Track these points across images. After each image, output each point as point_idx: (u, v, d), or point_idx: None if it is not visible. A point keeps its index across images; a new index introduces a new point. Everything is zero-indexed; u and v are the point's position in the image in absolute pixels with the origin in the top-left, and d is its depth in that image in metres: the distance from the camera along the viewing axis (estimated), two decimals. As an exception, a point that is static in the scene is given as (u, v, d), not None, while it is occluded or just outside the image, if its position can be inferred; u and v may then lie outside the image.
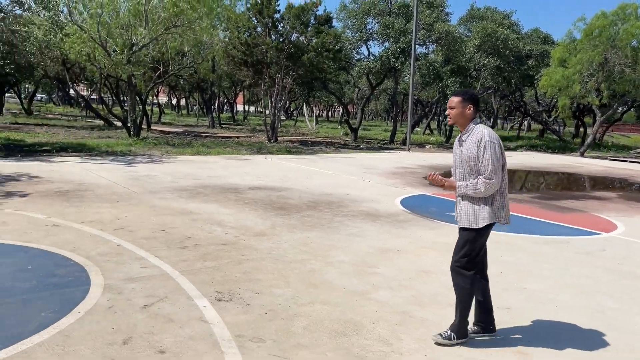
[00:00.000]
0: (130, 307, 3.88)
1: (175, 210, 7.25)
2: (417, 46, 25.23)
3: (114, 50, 17.34)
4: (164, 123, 33.49)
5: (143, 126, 20.90)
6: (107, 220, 6.47)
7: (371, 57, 26.87)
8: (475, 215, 3.51)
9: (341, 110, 46.99)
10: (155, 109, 38.97)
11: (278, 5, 22.19)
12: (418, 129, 41.58)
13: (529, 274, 5.26)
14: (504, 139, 37.07)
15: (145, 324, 3.60)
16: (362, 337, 3.63)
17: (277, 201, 8.38)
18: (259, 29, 22.65)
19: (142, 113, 20.83)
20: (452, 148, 3.76)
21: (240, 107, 60.25)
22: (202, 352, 3.27)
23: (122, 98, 27.56)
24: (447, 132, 31.63)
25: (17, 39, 12.79)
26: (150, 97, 31.19)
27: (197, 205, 7.66)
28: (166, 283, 4.41)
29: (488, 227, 3.53)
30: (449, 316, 3.80)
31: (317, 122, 44.11)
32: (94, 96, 39.18)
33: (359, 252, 5.68)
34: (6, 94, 35.56)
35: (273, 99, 22.22)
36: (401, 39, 24.14)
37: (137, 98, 20.67)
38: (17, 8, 12.80)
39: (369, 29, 26.63)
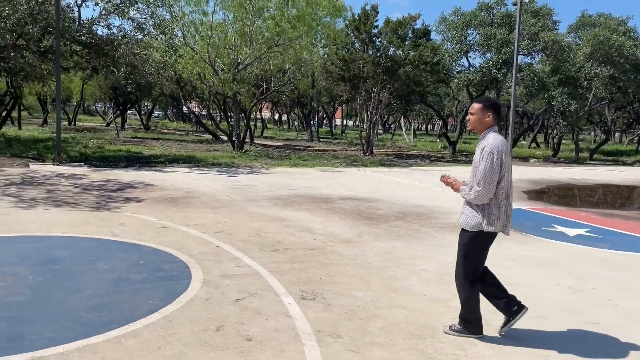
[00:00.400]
0: (224, 300, 4.30)
1: (270, 217, 7.74)
2: (521, 56, 24.39)
3: (222, 69, 18.66)
4: (266, 137, 35.09)
5: (246, 140, 22.15)
6: (209, 224, 7.07)
7: (471, 69, 26.35)
8: (470, 219, 3.68)
9: (440, 123, 46.18)
10: (259, 124, 40.99)
11: (376, 20, 22.60)
12: (523, 142, 39.75)
13: (625, 291, 5.00)
14: (620, 153, 34.36)
15: (236, 315, 3.98)
16: (437, 340, 3.73)
17: (366, 211, 8.60)
18: (356, 44, 23.17)
19: (245, 128, 22.08)
20: (560, 163, 3.79)
21: (338, 122, 61.41)
22: (284, 342, 3.57)
23: (228, 114, 29.38)
24: (555, 146, 29.93)
25: (138, 61, 14.29)
26: (253, 113, 32.94)
27: (290, 213, 8.10)
28: (257, 281, 4.80)
29: (484, 235, 3.65)
30: (527, 325, 3.78)
31: (414, 136, 43.79)
32: (203, 112, 42.01)
33: (443, 263, 5.72)
34: (128, 111, 39.25)
35: (369, 112, 22.54)
36: (503, 50, 23.45)
37: (242, 114, 22.01)
38: (138, 33, 14.31)
39: (470, 41, 26.17)
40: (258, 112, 41.39)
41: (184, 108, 36.64)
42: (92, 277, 4.64)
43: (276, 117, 60.63)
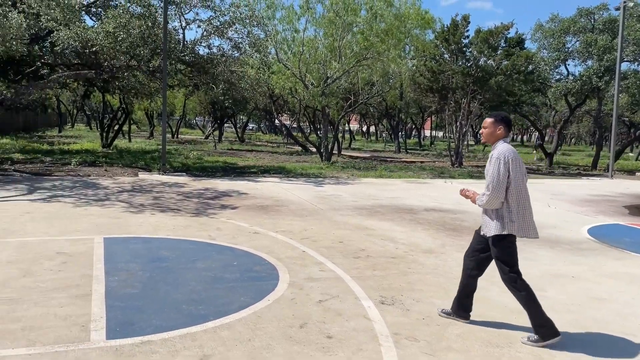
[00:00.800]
0: (308, 300, 4.60)
1: (354, 226, 8.00)
2: (627, 63, 22.85)
3: (312, 84, 19.33)
4: (353, 149, 35.52)
5: (334, 151, 22.66)
6: (296, 230, 7.47)
7: (570, 77, 25.05)
8: (488, 227, 3.94)
9: (536, 134, 44.06)
10: (347, 136, 41.52)
11: (467, 31, 22.28)
12: (630, 154, 36.92)
13: None
14: None
15: (318, 315, 4.27)
16: (514, 349, 3.77)
17: (451, 223, 8.59)
18: (445, 55, 22.96)
19: (333, 139, 22.60)
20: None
21: (427, 133, 60.59)
22: (362, 341, 3.80)
23: (317, 126, 30.18)
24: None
25: (234, 78, 15.25)
26: (341, 125, 33.52)
27: (373, 223, 8.31)
28: (339, 285, 5.07)
29: (503, 238, 3.87)
30: (612, 341, 3.72)
31: (508, 147, 42.04)
32: (294, 125, 43.34)
33: (529, 275, 5.60)
34: (225, 125, 41.46)
35: (458, 123, 22.18)
36: (605, 57, 22.10)
37: (330, 126, 22.59)
38: (235, 52, 15.29)
39: (568, 48, 24.92)
40: (346, 124, 41.94)
41: (276, 121, 38.04)
42: (192, 275, 5.15)
43: (364, 128, 61.02)
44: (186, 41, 14.91)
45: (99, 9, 17.81)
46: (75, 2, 11.83)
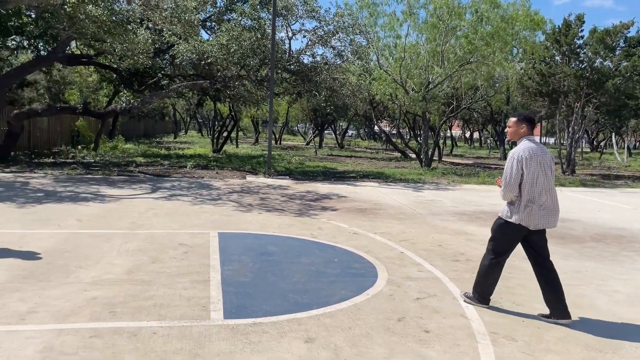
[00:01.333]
0: (406, 297, 4.77)
1: (453, 231, 7.99)
2: None
3: (413, 89, 19.33)
4: (455, 155, 34.73)
5: (434, 158, 22.38)
6: (394, 233, 7.63)
7: None
8: (502, 211, 4.40)
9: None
10: (448, 142, 40.68)
11: (581, 31, 21.01)
12: None
13: None
14: None
15: (415, 311, 4.43)
16: (618, 356, 3.68)
17: (557, 231, 8.26)
18: (557, 57, 21.80)
19: (434, 145, 22.35)
20: None
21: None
22: (459, 337, 3.90)
23: (417, 132, 29.94)
24: None
25: (336, 85, 15.72)
26: (443, 131, 32.93)
27: (474, 228, 8.24)
28: (437, 285, 5.17)
29: (513, 227, 4.27)
30: None
31: (630, 155, 38.84)
32: (393, 131, 43.26)
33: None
34: (325, 131, 42.40)
35: (570, 129, 20.95)
36: None
37: (431, 132, 22.36)
38: (338, 59, 15.76)
39: None
40: (448, 130, 41.09)
41: (375, 127, 38.25)
42: (297, 268, 5.52)
43: (467, 134, 59.27)
44: (292, 51, 15.64)
45: (214, 23, 19.22)
46: (194, 17, 12.93)
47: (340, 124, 51.63)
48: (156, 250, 6.00)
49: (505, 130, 4.51)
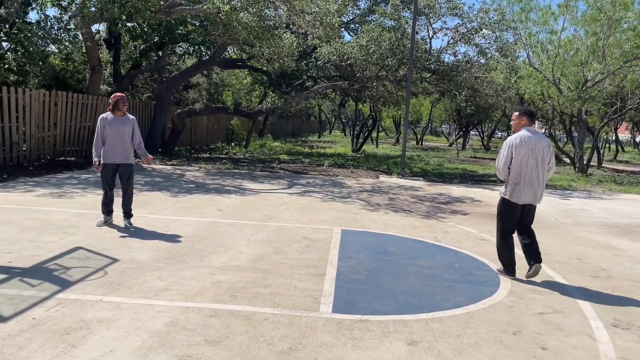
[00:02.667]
0: (527, 310, 4.45)
1: (598, 244, 7.21)
2: None
3: (568, 88, 17.73)
4: (619, 161, 31.10)
5: (592, 163, 20.30)
6: (528, 242, 7.12)
7: None
8: (503, 190, 5.37)
9: None
10: (612, 147, 36.55)
11: None
12: None
13: None
14: None
15: (535, 326, 4.11)
16: None
17: None
18: None
19: (592, 149, 20.28)
20: None
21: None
22: (580, 358, 3.54)
23: (573, 134, 27.39)
24: None
25: (478, 84, 15.05)
26: (604, 134, 29.69)
27: (623, 242, 7.35)
28: (565, 301, 4.73)
29: (507, 201, 5.30)
30: None
31: None
32: (546, 133, 40.08)
33: None
34: (470, 132, 40.78)
35: None
36: None
37: (589, 134, 20.29)
38: (481, 58, 15.08)
39: None
40: (611, 133, 36.88)
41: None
42: (413, 270, 5.45)
43: (637, 139, 52.66)
44: (432, 50, 15.34)
45: (357, 25, 19.60)
46: (336, 20, 13.32)
47: (489, 125, 49.23)
48: (281, 242, 6.34)
49: (511, 123, 5.52)
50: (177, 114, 17.34)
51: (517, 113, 5.37)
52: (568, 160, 22.13)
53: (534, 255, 5.28)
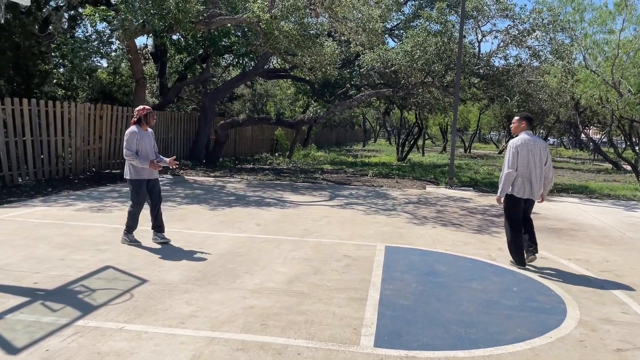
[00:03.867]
0: (601, 346, 3.84)
1: (677, 264, 6.41)
2: None
3: (629, 91, 16.57)
4: (685, 168, 29.01)
5: (656, 171, 18.84)
6: (594, 260, 6.41)
7: None
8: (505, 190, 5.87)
9: None
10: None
11: None
12: None
13: None
14: None
15: (613, 367, 3.51)
16: None
17: None
18: None
19: (656, 156, 18.87)
20: None
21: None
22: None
23: (634, 140, 25.78)
24: None
25: (532, 89, 14.20)
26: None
27: None
28: (647, 335, 4.08)
29: (513, 197, 5.85)
30: None
31: None
32: (604, 139, 38.09)
33: None
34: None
35: None
36: None
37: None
38: (534, 61, 14.25)
39: None
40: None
41: (582, 135, 34.07)
42: (466, 295, 4.90)
43: None
44: (481, 54, 14.63)
45: (401, 31, 19.07)
46: (379, 26, 12.88)
47: (541, 130, 47.35)
48: (320, 260, 5.91)
49: (511, 126, 6.16)
50: (220, 125, 17.30)
51: (517, 118, 5.97)
52: (629, 167, 20.74)
53: (534, 241, 6.01)
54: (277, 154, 24.59)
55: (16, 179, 10.96)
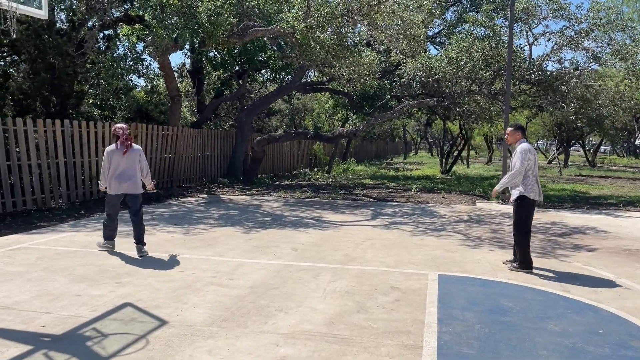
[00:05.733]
0: None
1: None
2: None
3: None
4: None
5: None
6: (690, 292, 5.42)
7: None
8: (522, 191, 6.04)
9: None
10: None
11: None
12: None
13: None
14: None
15: None
16: None
17: None
18: None
19: None
20: None
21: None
22: None
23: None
24: None
25: (590, 94, 13.07)
26: None
27: None
28: None
29: (530, 201, 6.04)
30: None
31: None
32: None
33: None
34: (571, 148, 37.33)
35: None
36: None
37: None
38: (593, 63, 13.13)
39: None
40: None
41: (637, 142, 32.02)
42: (542, 340, 4.06)
43: None
44: (532, 58, 13.62)
45: (444, 38, 18.22)
46: (421, 32, 12.12)
47: (590, 138, 45.11)
48: (364, 293, 5.17)
49: (505, 137, 6.56)
50: (256, 142, 16.85)
51: (511, 128, 6.33)
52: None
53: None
54: (315, 169, 24.01)
55: (49, 202, 10.71)
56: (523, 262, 6.13)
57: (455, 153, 25.86)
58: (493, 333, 4.19)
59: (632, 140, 35.38)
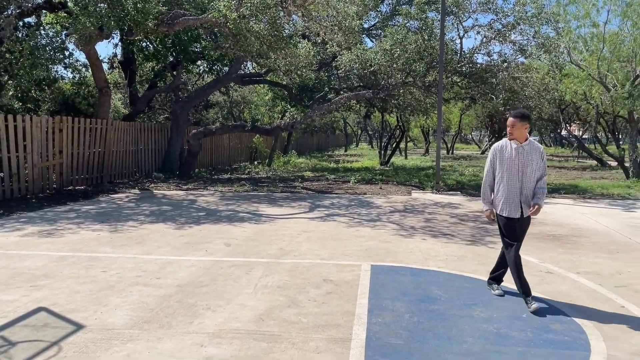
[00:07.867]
0: (643, 395, 3.08)
1: (698, 273, 5.72)
2: None
3: (614, 86, 16.10)
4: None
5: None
6: (605, 273, 5.69)
7: None
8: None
9: None
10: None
11: None
12: None
13: None
14: None
15: None
16: None
17: None
18: None
19: (643, 151, 18.42)
20: None
21: None
22: None
23: (617, 136, 25.49)
24: None
25: (517, 85, 13.58)
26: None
27: None
28: (694, 374, 3.34)
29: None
30: None
31: None
32: (585, 136, 37.95)
33: None
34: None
35: None
36: None
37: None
38: (519, 56, 13.63)
39: None
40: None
41: (563, 132, 33.81)
42: (469, 327, 4.12)
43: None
44: (463, 51, 13.98)
45: (379, 31, 18.39)
46: (356, 24, 12.13)
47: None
48: (296, 287, 5.09)
49: (508, 130, 4.76)
50: (192, 135, 16.39)
51: (515, 119, 4.71)
52: (614, 164, 20.33)
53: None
54: (256, 162, 23.72)
55: (-37, 202, 9.94)
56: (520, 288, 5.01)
57: (394, 145, 26.30)
58: (421, 322, 4.21)
59: (558, 130, 37.23)
